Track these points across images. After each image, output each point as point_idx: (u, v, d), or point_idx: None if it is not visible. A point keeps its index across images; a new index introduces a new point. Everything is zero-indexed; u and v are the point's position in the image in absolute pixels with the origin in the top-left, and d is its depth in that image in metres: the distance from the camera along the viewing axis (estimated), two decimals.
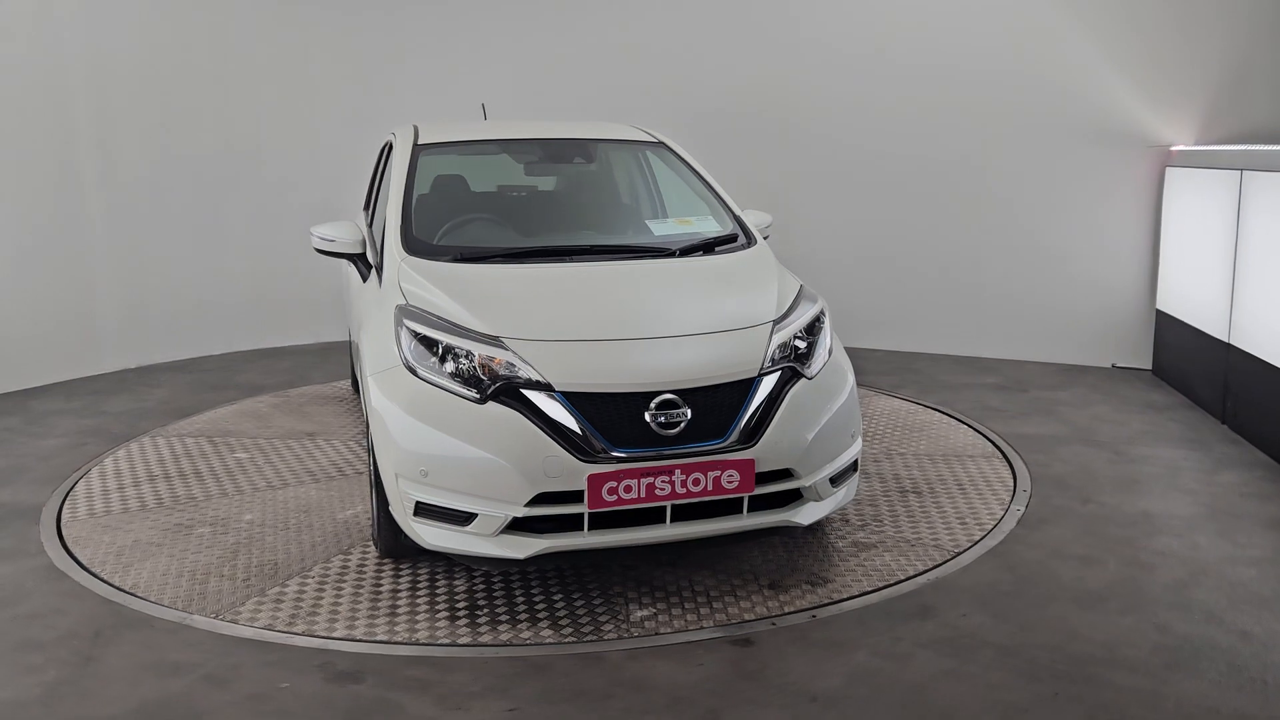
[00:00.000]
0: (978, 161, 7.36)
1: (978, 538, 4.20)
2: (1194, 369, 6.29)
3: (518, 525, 3.42)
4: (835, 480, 3.82)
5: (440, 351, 3.58)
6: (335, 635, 3.46)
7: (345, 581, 3.91)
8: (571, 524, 3.44)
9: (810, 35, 7.68)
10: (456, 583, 3.86)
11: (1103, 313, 7.17)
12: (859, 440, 3.96)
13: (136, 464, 5.32)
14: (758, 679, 3.17)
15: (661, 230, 4.63)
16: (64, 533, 4.40)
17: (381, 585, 3.87)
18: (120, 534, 4.43)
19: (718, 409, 3.53)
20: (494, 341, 3.56)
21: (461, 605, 3.69)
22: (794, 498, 3.69)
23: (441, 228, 4.60)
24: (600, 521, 3.45)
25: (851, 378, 4.00)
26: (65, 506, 4.70)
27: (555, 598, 3.74)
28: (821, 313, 4.06)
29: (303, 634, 3.47)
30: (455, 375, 3.52)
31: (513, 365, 3.49)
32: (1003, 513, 4.46)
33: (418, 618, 3.60)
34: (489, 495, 3.39)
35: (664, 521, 3.49)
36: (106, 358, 7.30)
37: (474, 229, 4.72)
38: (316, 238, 4.53)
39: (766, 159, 7.90)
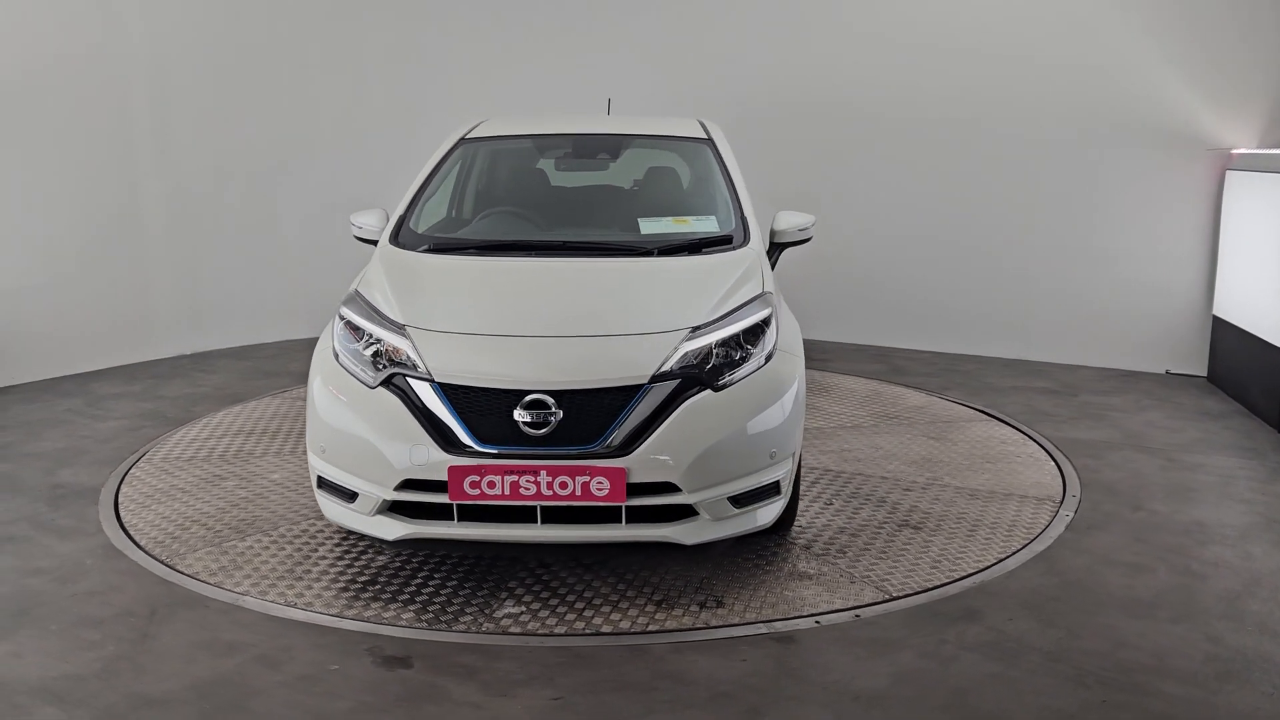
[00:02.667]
0: (1032, 161, 7.27)
1: (935, 584, 3.81)
2: (1251, 376, 6.17)
3: (396, 508, 3.54)
4: (740, 501, 3.59)
5: (363, 337, 3.76)
6: (384, 619, 3.52)
7: (288, 544, 4.13)
8: (447, 513, 3.51)
9: (863, 31, 7.64)
10: (378, 559, 4.00)
11: (1157, 317, 7.06)
12: (787, 463, 3.70)
13: (239, 417, 5.84)
14: (800, 676, 3.18)
15: (652, 229, 4.48)
16: (121, 513, 4.51)
17: (314, 553, 4.06)
18: (165, 478, 4.92)
19: (595, 413, 3.44)
20: (400, 330, 3.70)
21: (358, 581, 3.81)
22: (686, 514, 3.52)
23: (467, 218, 4.86)
24: (473, 514, 3.49)
25: (789, 397, 3.72)
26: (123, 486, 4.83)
27: (449, 584, 3.80)
28: (761, 323, 3.81)
29: (353, 617, 3.53)
30: (373, 360, 3.67)
31: (409, 354, 3.59)
32: (994, 560, 4.03)
33: (312, 588, 3.76)
34: (366, 476, 3.54)
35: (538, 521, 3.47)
36: (164, 343, 7.45)
37: (488, 222, 4.86)
38: (353, 225, 4.70)
39: (816, 157, 7.88)
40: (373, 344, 3.72)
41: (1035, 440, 5.40)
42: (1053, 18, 7.08)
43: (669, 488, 3.46)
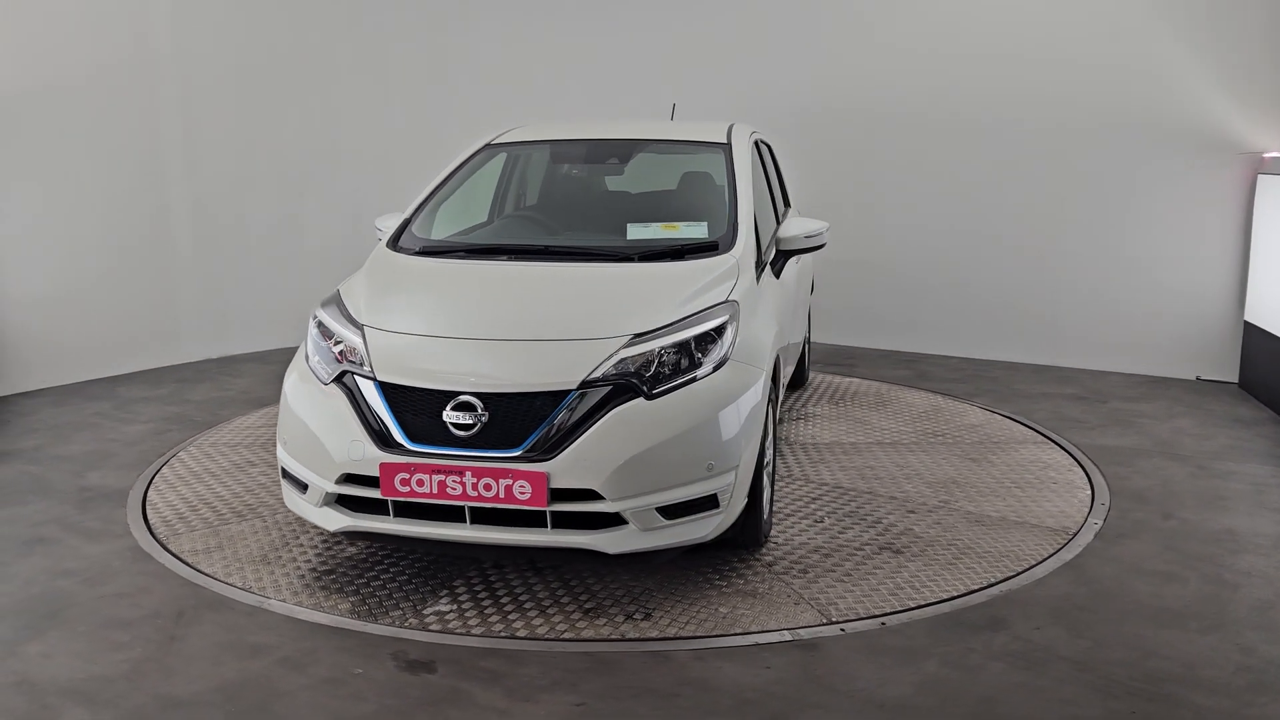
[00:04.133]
0: (1061, 166, 7.22)
1: (885, 610, 3.61)
2: None
3: (342, 501, 3.64)
4: (671, 513, 3.49)
5: (331, 336, 3.90)
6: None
7: (275, 530, 4.34)
8: (385, 509, 3.58)
9: (891, 36, 7.61)
10: (346, 550, 4.13)
11: (1187, 323, 6.98)
12: (728, 477, 3.57)
13: None
14: (825, 684, 3.16)
15: (639, 234, 4.44)
16: (149, 515, 4.55)
17: (294, 540, 4.24)
18: (199, 460, 5.26)
19: (521, 417, 3.45)
20: (359, 330, 3.81)
21: (317, 570, 3.95)
22: (614, 522, 3.45)
23: (488, 221, 5.01)
24: (409, 511, 3.54)
25: (735, 408, 3.61)
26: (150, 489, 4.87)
27: (398, 578, 3.90)
28: (712, 331, 3.71)
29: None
30: (336, 358, 3.78)
31: (361, 353, 3.72)
32: (981, 585, 3.84)
33: (274, 573, 3.95)
34: (314, 469, 3.65)
35: (468, 521, 3.51)
36: (190, 348, 7.52)
37: (498, 226, 5.05)
38: (378, 229, 4.81)
39: (842, 162, 7.85)
40: (339, 343, 3.83)
41: (1081, 465, 5.16)
42: (1083, 22, 7.02)
43: (592, 495, 3.41)
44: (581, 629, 3.49)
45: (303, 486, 3.73)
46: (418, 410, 3.52)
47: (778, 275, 4.66)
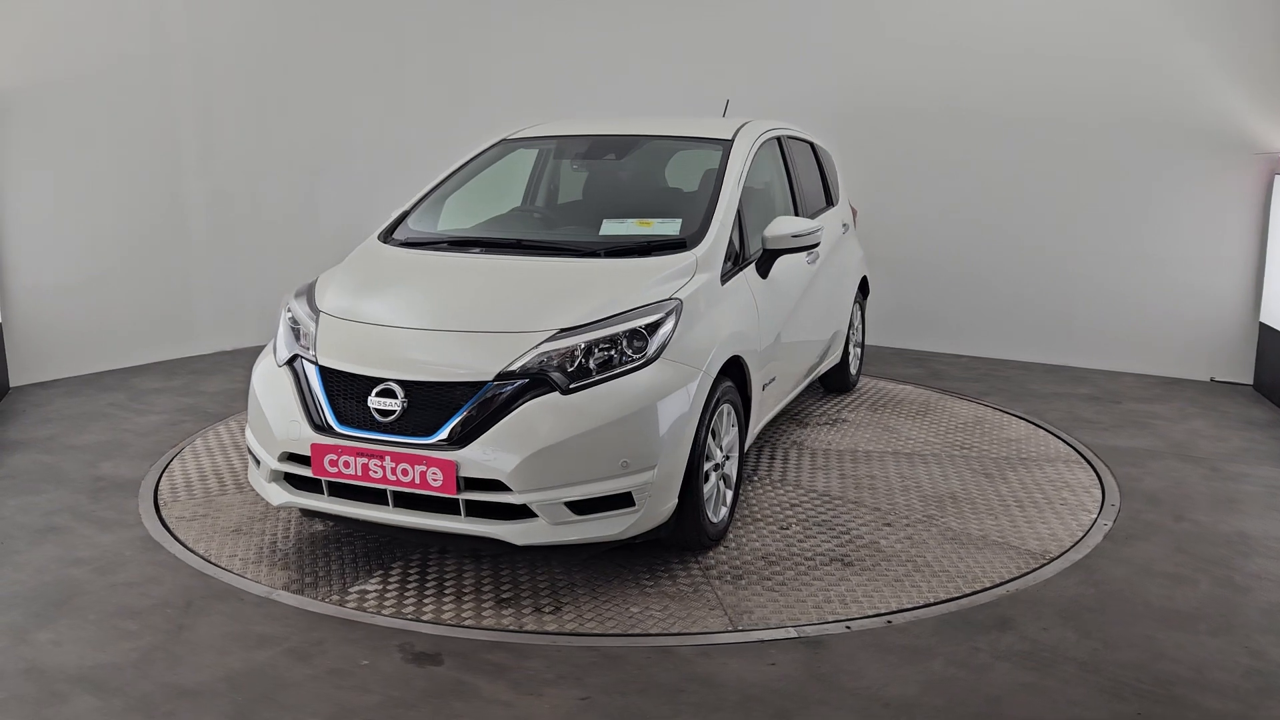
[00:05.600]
0: (1075, 164, 7.18)
1: (800, 622, 3.50)
2: None
3: (289, 478, 3.80)
4: (581, 508, 3.49)
5: (299, 322, 4.03)
6: (417, 617, 3.55)
7: (260, 504, 4.52)
8: (321, 487, 3.73)
9: (906, 34, 7.58)
10: (314, 528, 4.27)
11: (1202, 324, 6.93)
12: (644, 475, 3.54)
13: None
14: (830, 682, 3.15)
15: (614, 230, 4.41)
16: (160, 506, 4.58)
17: (273, 515, 4.42)
18: (222, 435, 5.51)
19: (439, 406, 3.53)
20: (315, 316, 3.97)
21: (274, 544, 4.13)
22: (525, 514, 3.48)
23: (501, 215, 5.10)
24: (341, 491, 3.68)
25: (658, 407, 3.57)
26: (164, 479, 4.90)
27: (346, 557, 4.04)
28: (644, 328, 3.68)
29: (383, 613, 3.57)
30: (297, 342, 3.92)
31: (312, 338, 3.87)
32: (925, 602, 3.68)
33: (240, 544, 4.15)
34: (264, 446, 3.84)
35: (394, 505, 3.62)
36: (204, 339, 7.57)
37: (494, 220, 5.09)
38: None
39: (852, 159, 7.82)
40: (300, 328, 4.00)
41: (1102, 483, 4.94)
42: (1099, 21, 6.97)
43: (500, 485, 3.46)
44: (485, 617, 3.53)
45: (258, 463, 3.91)
46: (347, 394, 3.66)
47: (764, 275, 4.59)
